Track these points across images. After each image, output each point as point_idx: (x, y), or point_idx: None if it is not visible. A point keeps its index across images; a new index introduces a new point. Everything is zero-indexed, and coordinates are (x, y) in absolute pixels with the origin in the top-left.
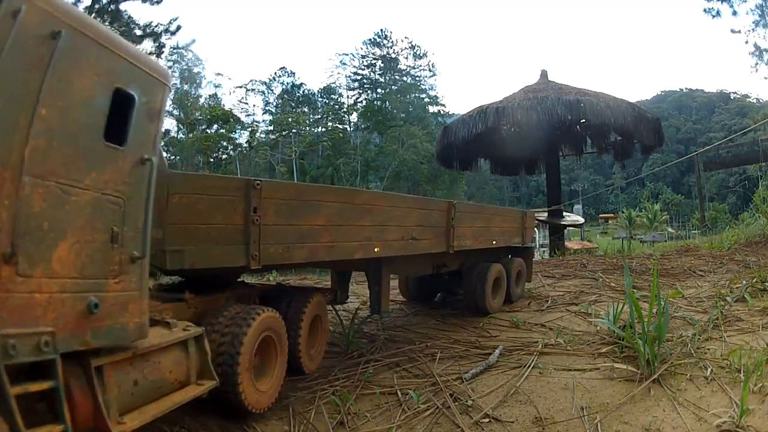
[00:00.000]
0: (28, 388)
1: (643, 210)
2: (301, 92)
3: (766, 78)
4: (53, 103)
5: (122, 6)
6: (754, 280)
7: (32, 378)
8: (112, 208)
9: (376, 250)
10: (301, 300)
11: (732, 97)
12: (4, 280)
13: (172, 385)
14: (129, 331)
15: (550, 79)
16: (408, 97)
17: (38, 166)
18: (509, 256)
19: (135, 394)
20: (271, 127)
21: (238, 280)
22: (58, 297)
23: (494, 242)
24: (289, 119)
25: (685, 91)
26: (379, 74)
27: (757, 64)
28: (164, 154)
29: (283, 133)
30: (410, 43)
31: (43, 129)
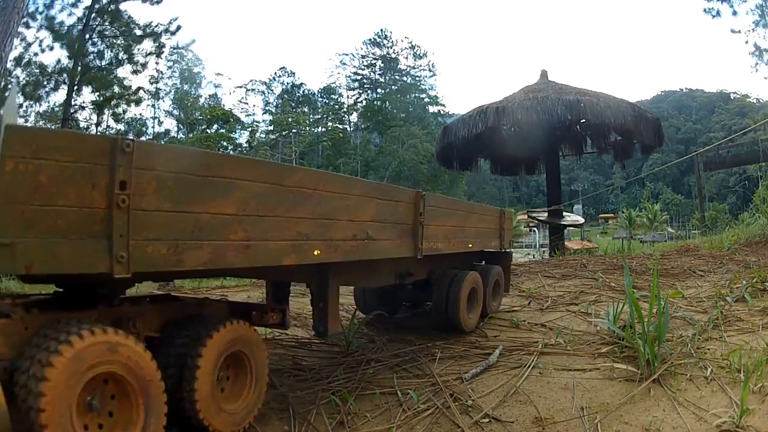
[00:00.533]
0: None
1: (643, 210)
2: (301, 92)
3: (766, 78)
4: None
5: (122, 6)
6: (754, 280)
7: None
8: None
9: (316, 253)
10: (201, 329)
11: (732, 97)
12: None
13: None
14: None
15: (550, 79)
16: (408, 97)
17: None
18: (483, 263)
19: None
20: (271, 127)
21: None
22: None
23: (470, 245)
24: (289, 119)
25: (685, 91)
26: (379, 74)
27: (757, 64)
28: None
29: (283, 133)
30: (410, 43)
31: None
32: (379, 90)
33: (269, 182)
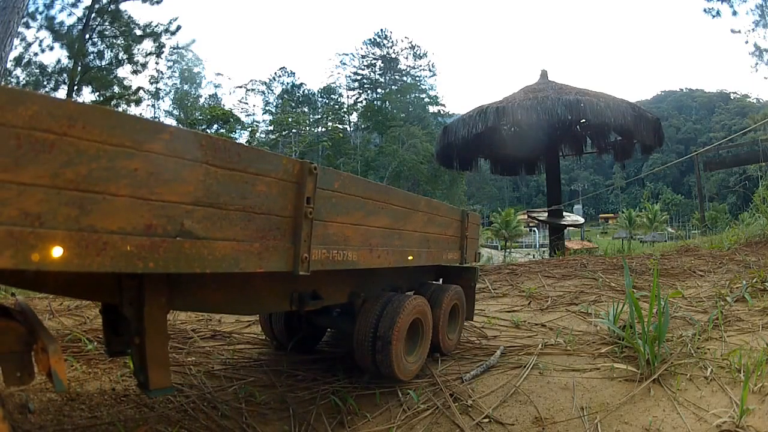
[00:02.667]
0: None
1: (643, 210)
2: (301, 92)
3: (766, 78)
4: None
5: (122, 6)
6: (754, 280)
7: None
8: None
9: (54, 252)
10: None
11: (732, 97)
12: None
13: None
14: None
15: (550, 79)
16: (408, 97)
17: None
18: (439, 281)
19: None
20: (271, 127)
21: None
22: None
23: (410, 257)
24: (289, 119)
25: (685, 91)
26: (379, 74)
27: (757, 64)
28: None
29: (283, 133)
30: (410, 43)
31: None
32: (379, 90)
33: None
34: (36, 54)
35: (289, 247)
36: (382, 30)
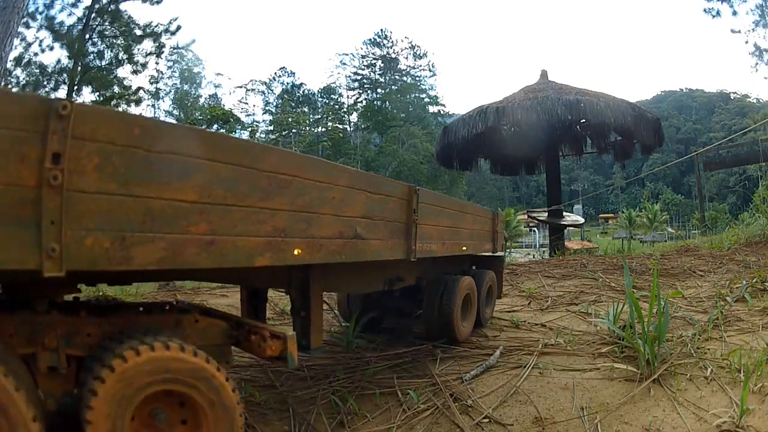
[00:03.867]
0: None
1: (643, 210)
2: (301, 92)
3: (766, 78)
4: None
5: (122, 6)
6: (754, 280)
7: None
8: None
9: (296, 252)
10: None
11: (732, 97)
12: None
13: None
14: None
15: (550, 79)
16: (408, 97)
17: None
18: (473, 267)
19: None
20: (271, 127)
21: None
22: None
23: (464, 248)
24: (289, 119)
25: (685, 91)
26: (379, 74)
27: (757, 64)
28: None
29: (283, 133)
30: (410, 43)
31: None
32: (379, 90)
33: (239, 164)
34: (36, 54)
35: (405, 242)
36: (382, 30)
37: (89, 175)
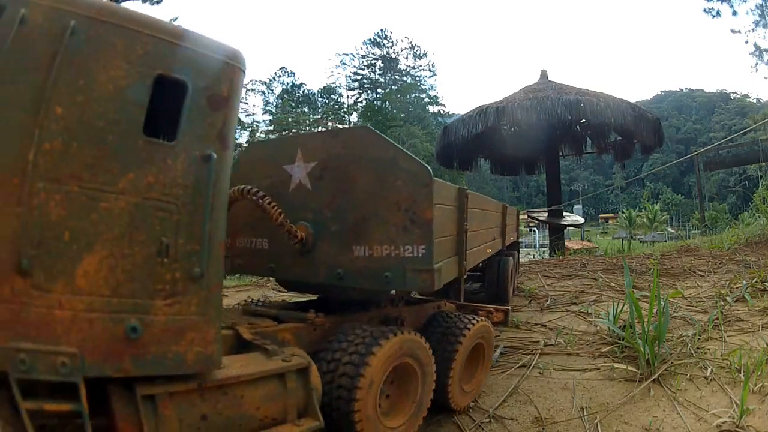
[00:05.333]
0: (42, 405)
1: (643, 210)
2: (301, 92)
3: (766, 78)
4: (70, 100)
5: (122, 6)
6: (754, 280)
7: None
8: (160, 215)
9: (488, 251)
10: (457, 327)
11: (732, 97)
12: (18, 292)
13: (260, 423)
14: (187, 360)
15: (550, 79)
16: (408, 97)
17: (54, 169)
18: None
19: (204, 429)
20: (271, 127)
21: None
22: (84, 316)
23: (512, 238)
24: (289, 119)
25: (685, 91)
26: (379, 74)
27: (757, 64)
28: None
29: (283, 133)
30: (410, 43)
31: (58, 129)
32: (379, 90)
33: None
34: None
35: (501, 238)
36: (382, 30)
37: (473, 225)
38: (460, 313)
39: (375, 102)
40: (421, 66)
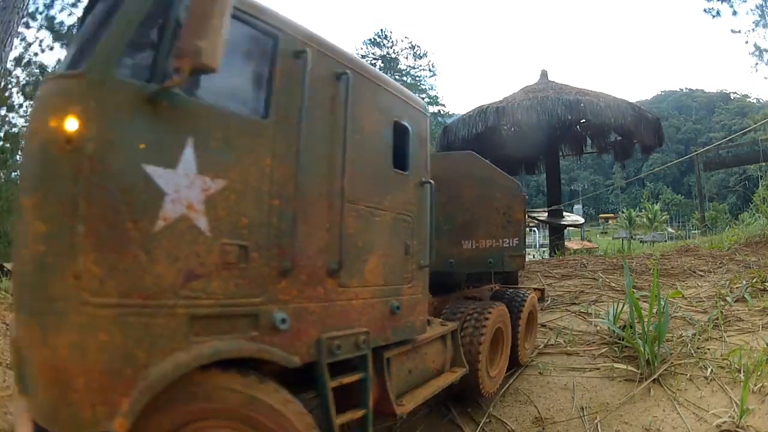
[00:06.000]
0: (342, 381)
1: (643, 210)
2: None
3: (766, 78)
4: (352, 137)
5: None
6: (754, 280)
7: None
8: (404, 225)
9: None
10: (519, 298)
11: (732, 97)
12: (329, 291)
13: (432, 373)
14: (416, 327)
15: (550, 79)
16: None
17: (351, 192)
18: None
19: (408, 381)
20: None
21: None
22: (369, 302)
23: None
24: None
25: (685, 91)
26: None
27: (757, 64)
28: None
29: None
30: (410, 43)
31: (350, 160)
32: None
33: None
34: (36, 54)
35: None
36: (382, 30)
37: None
38: (515, 289)
39: None
40: (421, 66)
